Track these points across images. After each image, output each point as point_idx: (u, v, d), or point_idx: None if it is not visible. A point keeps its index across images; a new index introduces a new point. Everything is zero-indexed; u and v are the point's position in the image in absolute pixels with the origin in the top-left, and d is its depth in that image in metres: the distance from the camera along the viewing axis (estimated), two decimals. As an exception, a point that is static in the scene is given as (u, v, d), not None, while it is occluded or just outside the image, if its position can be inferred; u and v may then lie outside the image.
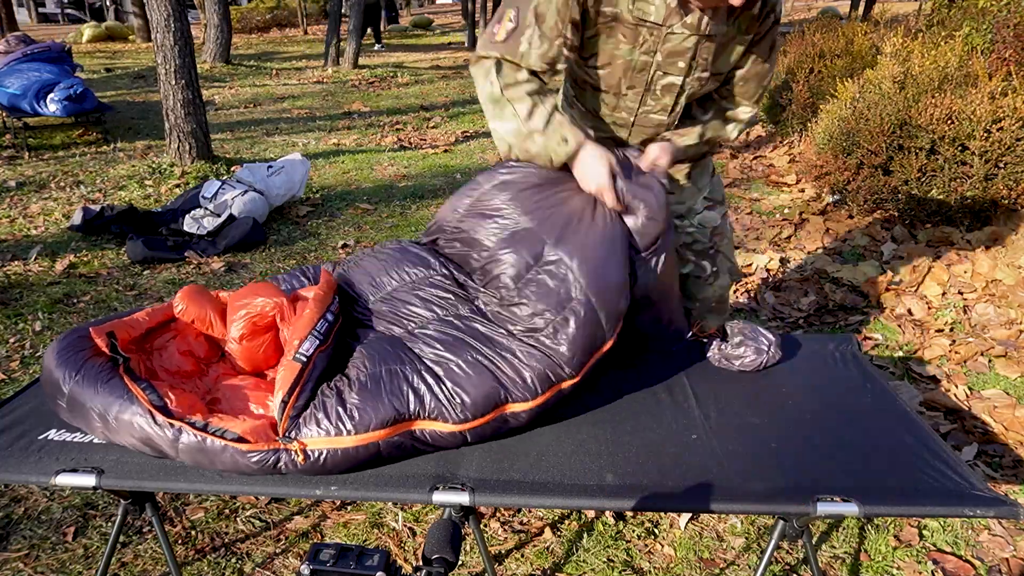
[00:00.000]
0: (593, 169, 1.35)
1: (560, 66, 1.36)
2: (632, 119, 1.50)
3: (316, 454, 1.15)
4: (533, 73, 1.35)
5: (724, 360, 1.57)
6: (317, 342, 1.24)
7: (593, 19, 1.34)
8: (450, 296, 1.37)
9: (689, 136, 1.52)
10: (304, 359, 1.20)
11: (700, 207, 1.67)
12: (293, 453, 1.14)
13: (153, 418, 1.15)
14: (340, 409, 1.17)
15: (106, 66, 9.57)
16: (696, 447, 1.28)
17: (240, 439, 1.13)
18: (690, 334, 1.73)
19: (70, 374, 1.18)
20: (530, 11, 1.29)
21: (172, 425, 1.14)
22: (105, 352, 1.23)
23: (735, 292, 2.89)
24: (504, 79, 1.34)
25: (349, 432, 1.15)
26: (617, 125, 1.52)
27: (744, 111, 1.53)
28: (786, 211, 3.76)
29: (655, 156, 1.44)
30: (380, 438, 1.17)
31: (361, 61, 9.60)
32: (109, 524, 1.67)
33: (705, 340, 1.67)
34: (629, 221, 1.36)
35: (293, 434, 1.15)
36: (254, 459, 1.13)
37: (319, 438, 1.15)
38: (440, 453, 1.25)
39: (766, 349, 1.55)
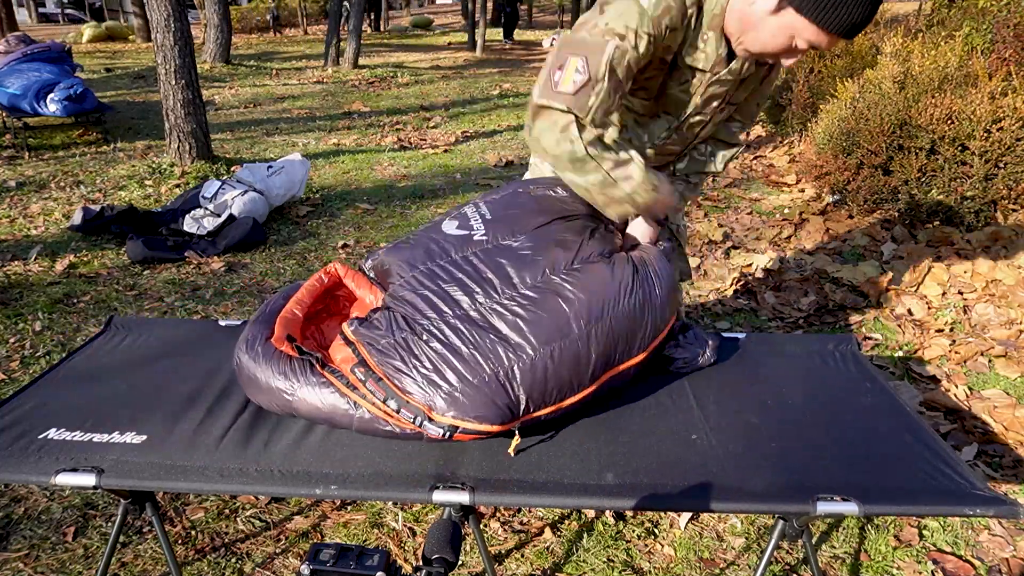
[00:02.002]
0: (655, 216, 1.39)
1: (614, 117, 1.28)
2: (650, 146, 1.51)
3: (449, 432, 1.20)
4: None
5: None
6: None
7: (657, 64, 1.31)
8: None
9: (698, 188, 1.58)
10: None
11: None
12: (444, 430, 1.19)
13: (343, 396, 1.22)
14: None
15: (106, 66, 9.57)
16: (696, 447, 1.28)
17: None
18: None
19: (271, 371, 1.27)
20: (603, 64, 1.18)
21: (357, 405, 1.22)
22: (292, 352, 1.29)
23: (735, 292, 2.89)
24: (586, 137, 1.23)
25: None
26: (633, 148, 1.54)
27: (736, 131, 1.57)
28: (786, 211, 3.76)
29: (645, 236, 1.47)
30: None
31: (361, 61, 9.60)
32: (109, 524, 1.67)
33: None
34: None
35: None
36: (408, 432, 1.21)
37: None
38: (440, 453, 1.25)
39: (701, 351, 1.53)
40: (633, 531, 1.66)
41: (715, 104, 1.40)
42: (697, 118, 1.43)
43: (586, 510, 1.71)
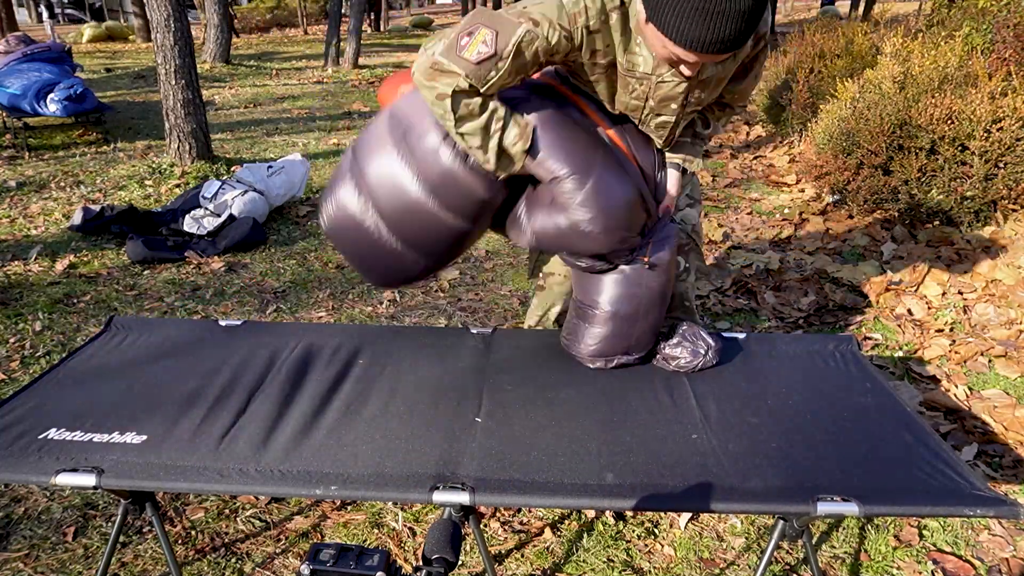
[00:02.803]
0: None
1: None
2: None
3: None
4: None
5: (662, 360, 1.58)
6: None
7: (590, 68, 1.32)
8: None
9: (696, 161, 1.57)
10: None
11: (683, 204, 1.71)
12: None
13: None
14: None
15: (106, 66, 9.57)
16: (696, 447, 1.28)
17: None
18: None
19: None
20: (511, 43, 1.21)
21: None
22: None
23: (735, 292, 2.89)
24: (459, 112, 1.26)
25: None
26: None
27: (736, 108, 1.57)
28: (786, 211, 3.76)
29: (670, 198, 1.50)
30: None
31: (361, 61, 9.60)
32: (109, 524, 1.67)
33: None
34: None
35: None
36: None
37: None
38: (440, 453, 1.25)
39: (703, 352, 1.54)
40: (633, 531, 1.66)
41: (673, 106, 1.37)
42: (660, 119, 1.41)
43: (586, 510, 1.71)
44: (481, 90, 1.25)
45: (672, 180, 1.51)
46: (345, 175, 1.44)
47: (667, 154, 1.52)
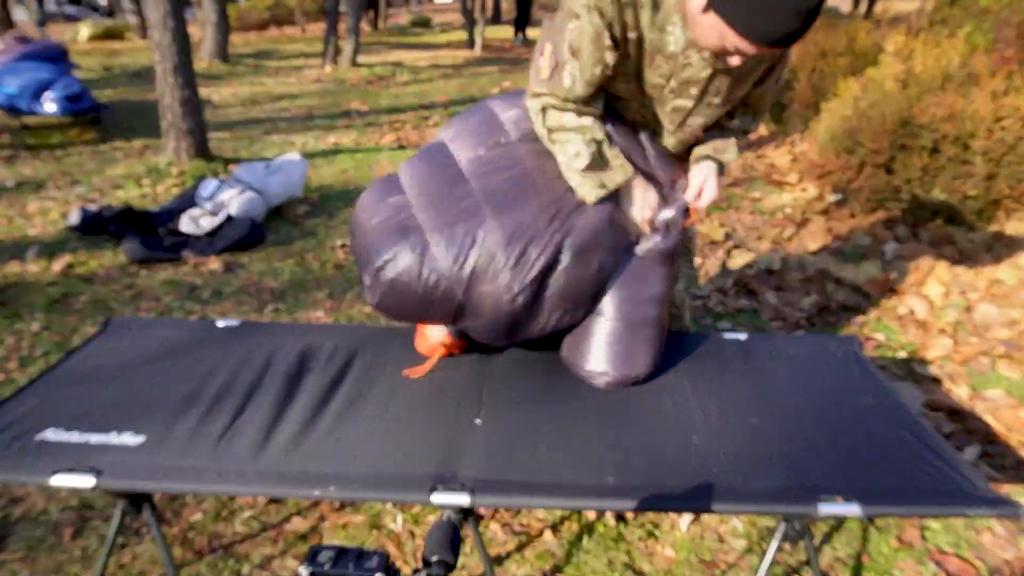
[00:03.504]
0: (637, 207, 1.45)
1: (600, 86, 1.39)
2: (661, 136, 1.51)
3: None
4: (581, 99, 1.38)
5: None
6: None
7: (622, 44, 1.33)
8: None
9: (729, 151, 1.55)
10: None
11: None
12: None
13: None
14: None
15: (104, 65, 9.56)
16: (697, 448, 1.28)
17: None
18: None
19: None
20: (565, 47, 1.30)
21: None
22: None
23: (736, 292, 2.88)
24: (549, 122, 1.39)
25: None
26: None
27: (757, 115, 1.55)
28: (788, 210, 3.76)
29: (709, 195, 1.49)
30: None
31: (360, 59, 9.59)
32: (107, 525, 1.66)
33: None
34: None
35: None
36: None
37: None
38: (439, 454, 1.24)
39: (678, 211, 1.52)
40: (634, 533, 1.66)
41: (693, 91, 1.37)
42: (677, 101, 1.40)
43: (586, 511, 1.70)
44: (567, 98, 1.35)
45: (709, 172, 1.48)
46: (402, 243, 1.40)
47: (696, 149, 1.52)
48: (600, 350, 1.47)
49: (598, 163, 1.37)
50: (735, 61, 1.23)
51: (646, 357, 1.48)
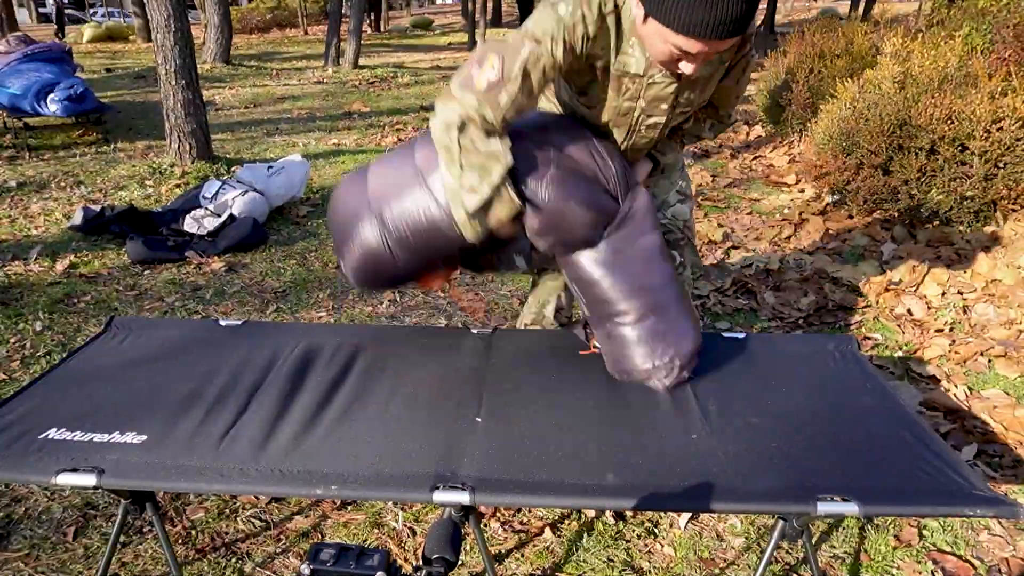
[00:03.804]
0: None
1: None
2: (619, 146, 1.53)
3: None
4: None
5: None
6: None
7: (587, 72, 1.34)
8: None
9: (670, 155, 1.60)
10: None
11: (673, 200, 1.72)
12: None
13: None
14: None
15: (106, 66, 9.57)
16: (696, 447, 1.28)
17: None
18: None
19: None
20: (517, 66, 1.23)
21: None
22: None
23: (735, 292, 2.89)
24: (464, 139, 1.27)
25: None
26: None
27: (721, 112, 1.57)
28: (786, 211, 3.76)
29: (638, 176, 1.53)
30: None
31: (361, 61, 9.60)
32: (109, 524, 1.67)
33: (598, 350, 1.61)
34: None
35: None
36: None
37: None
38: (440, 453, 1.25)
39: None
40: (633, 531, 1.66)
41: (664, 107, 1.39)
42: (651, 120, 1.42)
43: (586, 510, 1.71)
44: (493, 115, 1.26)
45: (641, 168, 1.56)
46: (362, 219, 1.43)
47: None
48: (643, 346, 1.46)
49: (487, 206, 1.30)
50: (688, 68, 1.22)
51: (687, 328, 1.48)
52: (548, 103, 1.58)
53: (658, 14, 1.14)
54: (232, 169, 4.38)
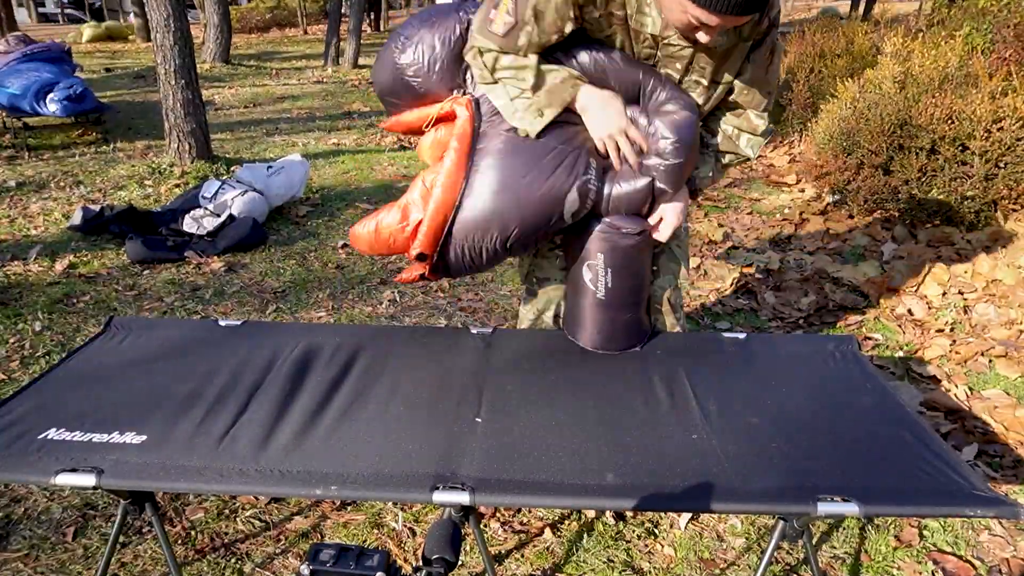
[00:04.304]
0: (604, 115, 1.40)
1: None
2: None
3: None
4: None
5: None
6: None
7: (607, 21, 1.35)
8: None
9: (703, 169, 1.56)
10: None
11: None
12: None
13: None
14: None
15: (106, 66, 9.57)
16: (696, 447, 1.28)
17: None
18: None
19: None
20: (529, 8, 1.29)
21: None
22: None
23: (735, 292, 2.89)
24: (488, 62, 1.37)
25: None
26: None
27: (755, 119, 1.53)
28: (786, 211, 3.76)
29: (671, 222, 1.50)
30: None
31: (361, 61, 9.60)
32: (109, 524, 1.67)
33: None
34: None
35: None
36: None
37: None
38: (440, 453, 1.25)
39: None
40: (633, 531, 1.66)
41: (678, 66, 1.39)
42: (665, 71, 1.43)
43: (586, 510, 1.70)
44: (519, 55, 1.34)
45: (678, 199, 1.51)
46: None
47: None
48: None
49: (542, 81, 1.37)
50: (703, 38, 1.24)
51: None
52: None
53: None
54: (232, 169, 4.38)
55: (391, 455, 1.25)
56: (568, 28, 1.33)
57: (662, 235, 1.52)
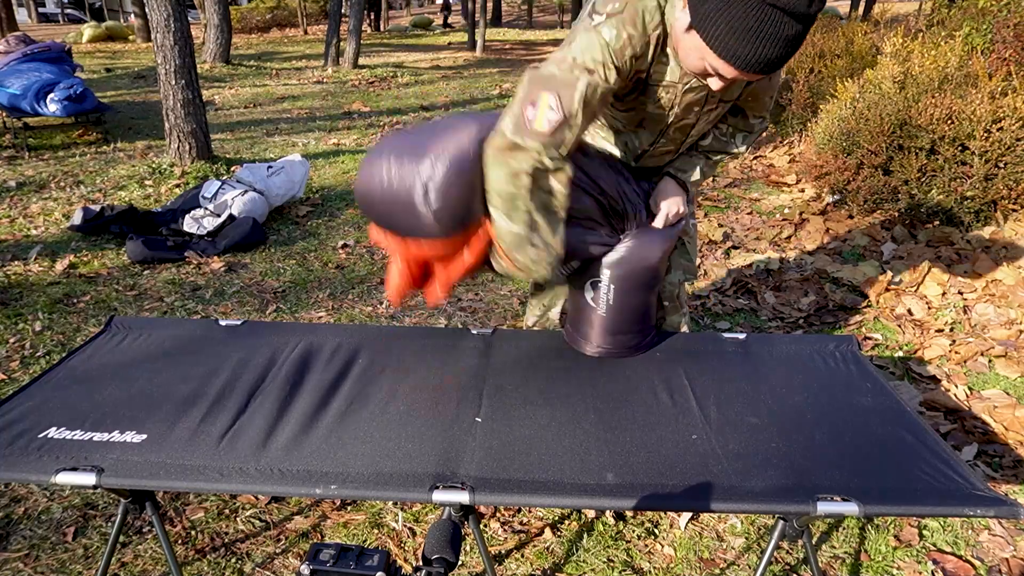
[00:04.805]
0: None
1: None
2: (642, 151, 1.52)
3: None
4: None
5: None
6: None
7: (631, 87, 1.34)
8: None
9: (693, 173, 1.56)
10: None
11: None
12: None
13: None
14: None
15: (106, 66, 9.57)
16: (696, 447, 1.28)
17: None
18: None
19: None
20: (577, 101, 1.19)
21: None
22: None
23: (735, 292, 2.89)
24: (553, 185, 1.25)
25: None
26: (627, 151, 1.55)
27: (752, 119, 1.54)
28: (786, 211, 3.77)
29: (670, 212, 1.52)
30: None
31: (361, 61, 9.61)
32: (109, 524, 1.67)
33: None
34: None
35: None
36: None
37: None
38: (440, 452, 1.25)
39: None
40: (633, 531, 1.66)
41: (696, 109, 1.39)
42: (683, 122, 1.43)
43: (586, 510, 1.71)
44: (558, 154, 1.22)
45: (667, 187, 1.53)
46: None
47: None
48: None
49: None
50: (715, 85, 1.21)
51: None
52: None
53: (704, 32, 1.13)
54: (232, 169, 4.38)
55: (391, 454, 1.25)
56: (595, 116, 1.31)
57: (657, 223, 1.53)
